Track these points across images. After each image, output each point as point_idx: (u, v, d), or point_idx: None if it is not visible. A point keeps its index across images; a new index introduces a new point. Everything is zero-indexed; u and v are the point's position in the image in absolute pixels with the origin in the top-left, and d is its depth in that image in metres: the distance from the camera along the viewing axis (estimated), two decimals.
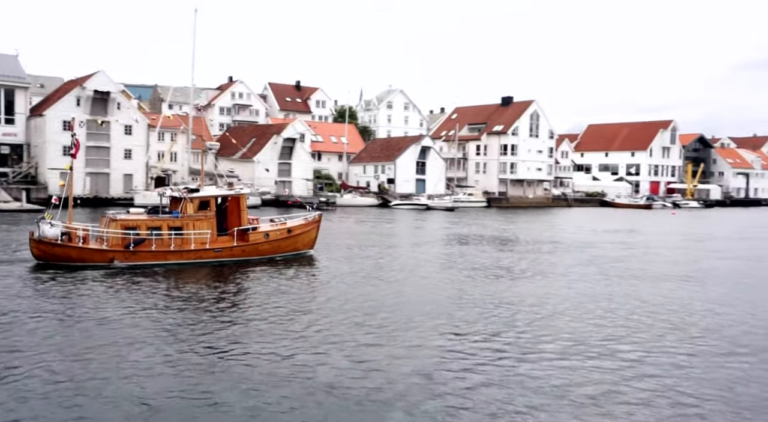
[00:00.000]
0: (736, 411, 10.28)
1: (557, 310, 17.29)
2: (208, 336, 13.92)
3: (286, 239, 25.97)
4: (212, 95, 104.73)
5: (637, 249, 33.91)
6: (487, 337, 14.28)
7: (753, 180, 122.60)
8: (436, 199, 74.39)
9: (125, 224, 22.72)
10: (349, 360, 12.38)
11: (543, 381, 11.37)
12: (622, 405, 10.37)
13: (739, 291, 21.12)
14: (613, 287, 21.09)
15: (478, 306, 17.57)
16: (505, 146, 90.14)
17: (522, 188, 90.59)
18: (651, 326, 15.73)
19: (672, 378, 11.73)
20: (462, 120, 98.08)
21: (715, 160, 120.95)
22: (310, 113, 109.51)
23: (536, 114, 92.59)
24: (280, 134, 76.49)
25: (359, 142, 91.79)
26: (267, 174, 72.81)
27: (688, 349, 13.74)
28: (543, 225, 51.95)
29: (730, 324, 16.23)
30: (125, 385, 10.72)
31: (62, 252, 21.95)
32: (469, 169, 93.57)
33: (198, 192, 24.36)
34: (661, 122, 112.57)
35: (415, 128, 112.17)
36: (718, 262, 29.02)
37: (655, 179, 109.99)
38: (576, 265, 26.56)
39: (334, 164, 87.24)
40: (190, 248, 23.20)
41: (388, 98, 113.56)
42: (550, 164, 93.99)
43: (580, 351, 13.32)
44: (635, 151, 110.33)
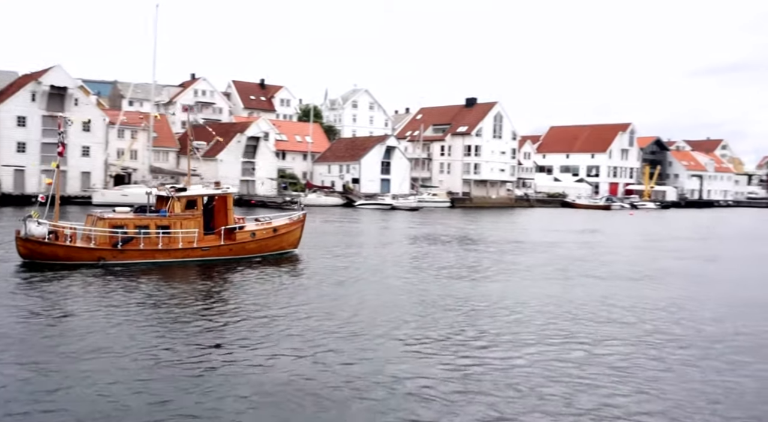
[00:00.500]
0: (695, 402, 10.59)
1: (521, 309, 17.54)
2: (186, 336, 13.75)
3: (272, 239, 26.25)
4: (174, 92, 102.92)
5: (598, 249, 34.67)
6: (453, 336, 14.40)
7: (706, 182, 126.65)
8: (401, 199, 74.66)
9: (113, 222, 22.71)
10: (314, 359, 12.34)
11: (504, 377, 11.53)
12: (582, 398, 10.58)
13: (693, 289, 21.76)
14: (576, 286, 21.50)
15: (448, 306, 17.70)
16: (469, 147, 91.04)
17: (485, 189, 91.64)
18: (614, 323, 16.09)
19: (630, 372, 12.03)
20: (427, 121, 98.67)
21: (671, 162, 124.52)
22: (274, 111, 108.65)
23: (500, 115, 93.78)
24: (243, 132, 75.68)
25: (324, 141, 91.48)
26: (231, 173, 71.93)
27: (646, 345, 14.10)
28: (506, 225, 52.66)
29: (684, 319, 16.71)
30: (102, 385, 10.57)
31: (49, 251, 21.81)
32: (433, 169, 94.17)
33: (185, 191, 24.46)
34: (620, 124, 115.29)
35: (380, 127, 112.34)
36: (674, 262, 29.87)
37: (614, 180, 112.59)
38: (540, 264, 27.00)
39: (298, 164, 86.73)
40: (177, 247, 23.31)
41: (353, 98, 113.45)
42: (512, 165, 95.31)
43: (542, 348, 13.54)
44: (595, 153, 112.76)
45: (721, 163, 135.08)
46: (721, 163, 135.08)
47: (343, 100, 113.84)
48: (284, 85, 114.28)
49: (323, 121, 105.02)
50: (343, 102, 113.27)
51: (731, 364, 12.92)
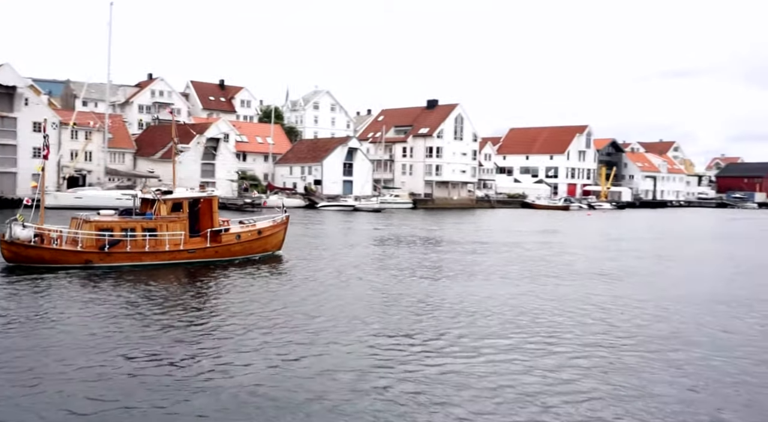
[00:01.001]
0: (651, 400, 10.77)
1: (484, 308, 17.63)
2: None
3: (257, 240, 26.56)
4: (130, 93, 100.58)
5: (558, 249, 35.21)
6: (416, 336, 14.37)
7: (660, 183, 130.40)
8: (363, 200, 74.55)
9: (100, 225, 22.73)
10: (283, 362, 12.17)
11: (466, 378, 11.53)
12: (541, 396, 10.65)
13: (649, 287, 22.26)
14: (537, 286, 21.75)
15: (413, 307, 17.67)
16: (431, 149, 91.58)
17: (447, 190, 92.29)
18: (574, 321, 16.31)
19: (589, 369, 12.18)
20: (388, 122, 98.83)
21: (626, 164, 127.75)
22: (234, 112, 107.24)
23: (460, 117, 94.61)
24: (203, 133, 74.43)
25: (285, 142, 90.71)
26: (190, 175, 70.59)
27: (606, 342, 14.31)
28: (469, 226, 53.09)
29: (641, 317, 17.05)
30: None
31: (35, 254, 21.74)
32: (395, 170, 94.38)
33: (171, 194, 24.68)
34: (577, 126, 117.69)
35: (342, 129, 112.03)
36: (632, 261, 30.55)
37: (572, 181, 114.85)
38: (502, 264, 27.25)
39: (259, 165, 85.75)
40: (164, 249, 23.48)
41: (314, 99, 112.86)
42: (473, 167, 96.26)
43: (505, 348, 13.61)
44: (554, 154, 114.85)
45: (673, 164, 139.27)
46: (673, 164, 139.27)
47: (304, 102, 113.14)
48: (244, 86, 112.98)
49: (284, 122, 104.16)
50: (305, 103, 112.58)
51: (695, 359, 13.21)
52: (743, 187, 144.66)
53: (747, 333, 15.76)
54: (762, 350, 14.22)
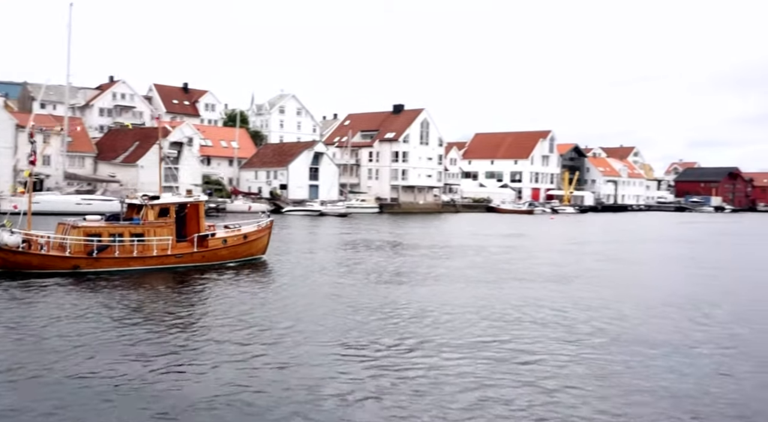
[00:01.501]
0: (617, 398, 11.00)
1: (452, 312, 17.74)
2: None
3: (242, 245, 26.87)
4: (91, 95, 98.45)
5: (524, 253, 35.69)
6: (383, 340, 14.39)
7: (620, 187, 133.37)
8: (329, 205, 74.36)
9: (88, 231, 22.75)
10: (258, 366, 12.06)
11: (431, 380, 11.60)
12: (502, 399, 10.78)
13: (615, 290, 22.72)
14: (503, 289, 21.99)
15: (387, 312, 17.69)
16: (397, 153, 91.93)
17: (413, 194, 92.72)
18: (539, 323, 16.53)
19: (555, 372, 12.38)
20: (355, 127, 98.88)
21: (588, 168, 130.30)
22: (198, 116, 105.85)
23: (426, 122, 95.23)
24: (166, 137, 73.24)
25: (251, 147, 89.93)
26: (151, 179, 69.37)
27: (570, 344, 14.54)
28: (435, 230, 53.41)
29: (608, 318, 17.37)
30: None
31: (23, 260, 21.69)
32: (362, 175, 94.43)
33: (158, 199, 24.79)
34: (540, 131, 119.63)
35: (308, 133, 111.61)
36: (596, 264, 31.11)
37: (536, 185, 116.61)
38: (469, 268, 27.47)
39: (224, 169, 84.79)
40: (152, 254, 23.55)
41: (280, 103, 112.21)
42: (439, 171, 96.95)
43: (471, 352, 13.73)
44: (518, 159, 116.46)
45: (633, 169, 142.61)
46: (633, 169, 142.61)
47: (270, 106, 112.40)
48: (209, 89, 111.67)
49: (250, 126, 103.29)
50: (270, 107, 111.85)
51: (657, 359, 13.54)
52: (700, 191, 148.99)
53: (706, 333, 16.19)
54: (722, 349, 14.65)
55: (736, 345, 15.16)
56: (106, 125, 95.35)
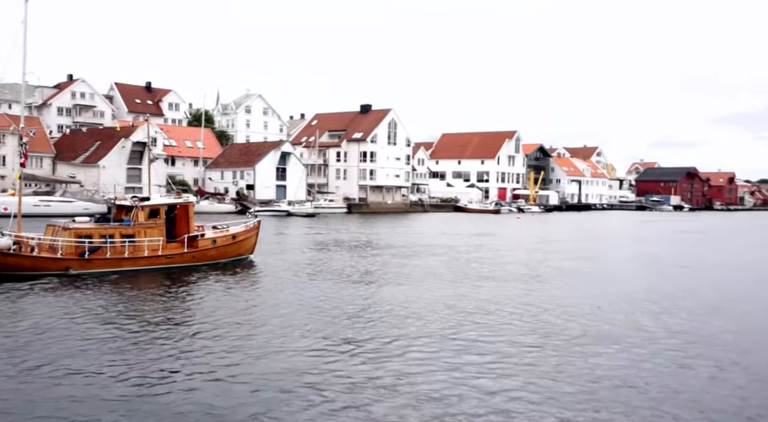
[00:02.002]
0: (588, 397, 11.07)
1: (421, 311, 17.72)
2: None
3: (231, 245, 27.19)
4: (49, 94, 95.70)
5: (492, 251, 35.94)
6: (354, 341, 14.27)
7: (584, 187, 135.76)
8: (297, 205, 73.77)
9: (79, 232, 22.77)
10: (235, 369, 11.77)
11: (400, 379, 11.51)
12: (470, 398, 10.75)
13: (582, 287, 23.02)
14: (473, 288, 22.06)
15: (358, 312, 17.54)
16: (365, 153, 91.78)
17: (381, 194, 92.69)
18: (510, 321, 16.61)
19: (524, 369, 12.42)
20: (322, 127, 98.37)
21: (553, 168, 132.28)
22: (162, 116, 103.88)
23: (394, 122, 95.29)
24: (128, 137, 71.74)
25: (216, 147, 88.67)
26: (114, 180, 67.87)
27: (538, 342, 14.65)
28: (404, 230, 53.41)
29: (576, 315, 17.57)
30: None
31: (15, 262, 21.53)
32: (329, 175, 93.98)
33: (148, 201, 25.03)
34: (506, 132, 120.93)
35: (274, 133, 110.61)
36: (563, 262, 31.50)
37: (503, 185, 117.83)
38: (439, 267, 27.51)
39: (189, 170, 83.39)
40: (143, 255, 23.67)
41: (246, 103, 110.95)
42: (407, 171, 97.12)
43: (444, 351, 13.69)
44: (485, 159, 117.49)
45: (596, 169, 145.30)
46: (596, 169, 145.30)
47: (235, 105, 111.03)
48: (173, 88, 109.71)
49: (215, 126, 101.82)
50: (236, 107, 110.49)
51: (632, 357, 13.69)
52: (660, 190, 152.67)
53: (667, 330, 16.47)
54: (682, 345, 14.90)
55: (696, 340, 15.45)
56: (65, 124, 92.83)
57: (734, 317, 18.36)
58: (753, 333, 16.51)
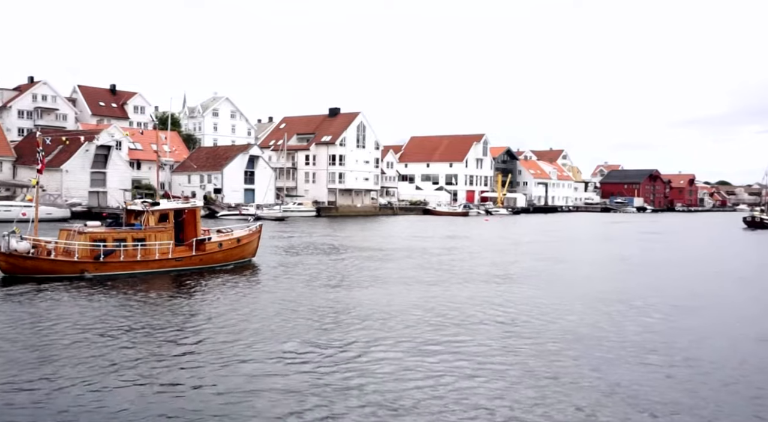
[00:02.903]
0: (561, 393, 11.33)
1: (400, 313, 17.84)
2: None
3: (236, 248, 27.94)
4: (8, 96, 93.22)
5: (460, 253, 36.30)
6: (326, 343, 14.31)
7: (551, 189, 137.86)
8: (266, 209, 73.27)
9: (94, 236, 23.55)
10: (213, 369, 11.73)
11: (375, 384, 11.62)
12: (441, 398, 10.91)
13: (553, 288, 23.46)
14: (445, 290, 22.28)
15: (333, 315, 17.55)
16: (334, 157, 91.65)
17: (350, 198, 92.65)
18: (485, 322, 16.84)
19: (494, 370, 12.64)
20: (290, 130, 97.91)
21: (520, 171, 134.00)
22: (127, 119, 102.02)
23: (363, 125, 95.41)
24: (92, 140, 70.29)
25: (183, 150, 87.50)
26: (78, 184, 66.55)
27: (509, 342, 14.90)
28: (374, 233, 53.54)
29: (549, 316, 17.90)
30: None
31: (33, 265, 22.40)
32: (298, 178, 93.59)
33: (158, 205, 25.77)
34: (474, 135, 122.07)
35: (242, 136, 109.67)
36: (530, 263, 32.03)
37: (471, 188, 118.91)
38: (408, 269, 27.68)
39: (155, 174, 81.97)
40: (154, 258, 24.46)
41: (213, 106, 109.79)
42: (376, 174, 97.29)
43: (415, 351, 13.83)
44: (453, 162, 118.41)
45: (562, 171, 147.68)
46: (562, 171, 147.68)
47: (203, 108, 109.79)
48: (138, 91, 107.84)
49: (182, 129, 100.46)
50: (203, 110, 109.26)
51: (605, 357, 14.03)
52: (624, 192, 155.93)
53: (635, 329, 16.92)
54: (651, 343, 15.34)
55: (659, 339, 15.92)
56: (26, 127, 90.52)
57: (701, 315, 18.95)
58: (712, 329, 17.05)
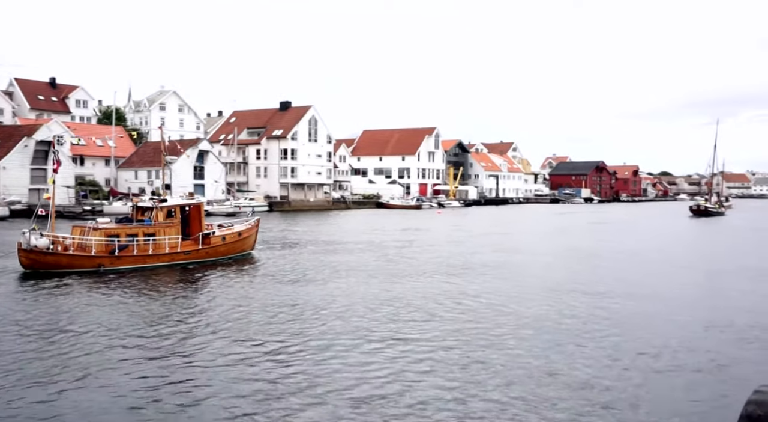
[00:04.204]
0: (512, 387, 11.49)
1: (354, 306, 17.80)
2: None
3: (238, 242, 29.48)
4: None
5: (414, 246, 36.48)
6: (276, 340, 14.14)
7: (501, 181, 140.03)
8: (216, 204, 71.96)
9: (108, 232, 24.84)
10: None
11: (333, 380, 11.56)
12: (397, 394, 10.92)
13: (511, 277, 23.84)
14: (401, 283, 22.35)
15: (280, 311, 17.35)
16: (285, 151, 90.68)
17: (303, 192, 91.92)
18: (440, 315, 16.93)
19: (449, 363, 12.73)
20: (241, 124, 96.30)
21: (471, 163, 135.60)
22: (69, 113, 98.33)
23: (314, 119, 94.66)
24: (31, 136, 67.48)
25: (129, 145, 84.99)
26: (17, 181, 63.81)
27: (462, 334, 15.04)
28: (328, 228, 53.27)
29: (505, 306, 18.17)
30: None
31: (53, 260, 23.52)
32: (249, 173, 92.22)
33: (166, 202, 27.02)
34: (426, 128, 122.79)
35: (191, 131, 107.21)
36: (491, 255, 32.44)
37: (423, 181, 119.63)
38: (364, 263, 27.65)
39: (100, 170, 79.56)
40: (164, 252, 25.81)
41: (160, 99, 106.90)
42: (329, 168, 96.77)
43: (372, 346, 13.81)
44: (405, 155, 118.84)
45: (512, 164, 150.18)
46: (512, 164, 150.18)
47: (149, 102, 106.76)
48: (80, 85, 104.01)
49: (127, 124, 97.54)
50: (150, 104, 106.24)
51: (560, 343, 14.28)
52: (572, 184, 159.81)
53: (589, 317, 17.33)
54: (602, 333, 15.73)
55: (607, 327, 16.35)
56: None
57: (653, 302, 19.53)
58: (662, 316, 17.60)
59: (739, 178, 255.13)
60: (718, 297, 20.68)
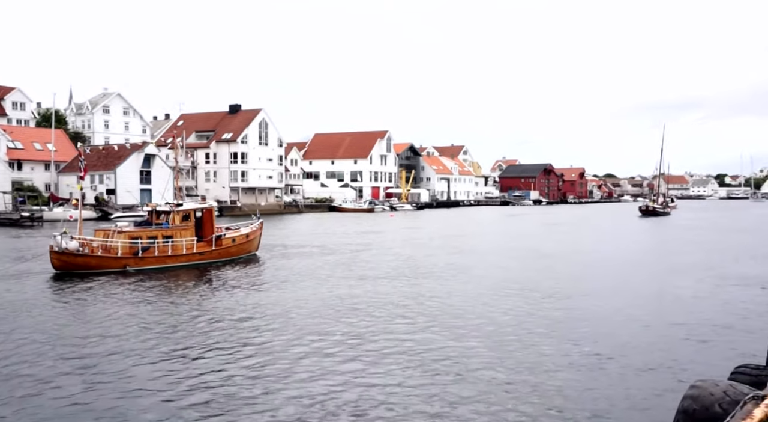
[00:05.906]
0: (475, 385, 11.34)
1: (304, 313, 17.40)
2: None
3: (245, 243, 31.27)
4: None
5: (378, 249, 36.27)
6: (248, 343, 13.67)
7: (453, 184, 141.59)
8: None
9: (131, 234, 26.36)
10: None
11: (291, 384, 11.19)
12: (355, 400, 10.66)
13: (467, 280, 23.83)
14: (356, 286, 22.03)
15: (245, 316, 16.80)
16: (235, 154, 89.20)
17: (254, 196, 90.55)
18: (397, 317, 16.70)
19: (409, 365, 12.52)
20: (189, 127, 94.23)
21: (423, 167, 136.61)
22: (5, 116, 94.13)
23: (265, 122, 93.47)
24: None
25: (71, 149, 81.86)
26: None
27: (425, 334, 14.87)
28: (280, 232, 52.56)
29: (466, 306, 18.10)
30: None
31: (82, 262, 24.87)
32: (198, 177, 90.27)
33: (181, 206, 28.83)
34: (378, 132, 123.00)
35: (137, 134, 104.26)
36: (446, 257, 32.44)
37: (376, 184, 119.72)
38: (318, 267, 27.24)
39: (39, 174, 76.32)
40: (182, 253, 27.40)
41: (103, 102, 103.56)
42: (280, 172, 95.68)
43: (328, 352, 13.48)
44: (357, 158, 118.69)
45: (463, 167, 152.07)
46: (463, 167, 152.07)
47: (92, 105, 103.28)
48: (17, 86, 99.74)
49: (69, 127, 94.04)
50: (92, 107, 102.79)
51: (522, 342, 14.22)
52: (521, 186, 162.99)
53: (540, 318, 17.42)
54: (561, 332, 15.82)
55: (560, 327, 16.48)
56: None
57: (606, 299, 19.82)
58: (614, 313, 17.84)
59: (678, 179, 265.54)
60: (666, 295, 21.16)
